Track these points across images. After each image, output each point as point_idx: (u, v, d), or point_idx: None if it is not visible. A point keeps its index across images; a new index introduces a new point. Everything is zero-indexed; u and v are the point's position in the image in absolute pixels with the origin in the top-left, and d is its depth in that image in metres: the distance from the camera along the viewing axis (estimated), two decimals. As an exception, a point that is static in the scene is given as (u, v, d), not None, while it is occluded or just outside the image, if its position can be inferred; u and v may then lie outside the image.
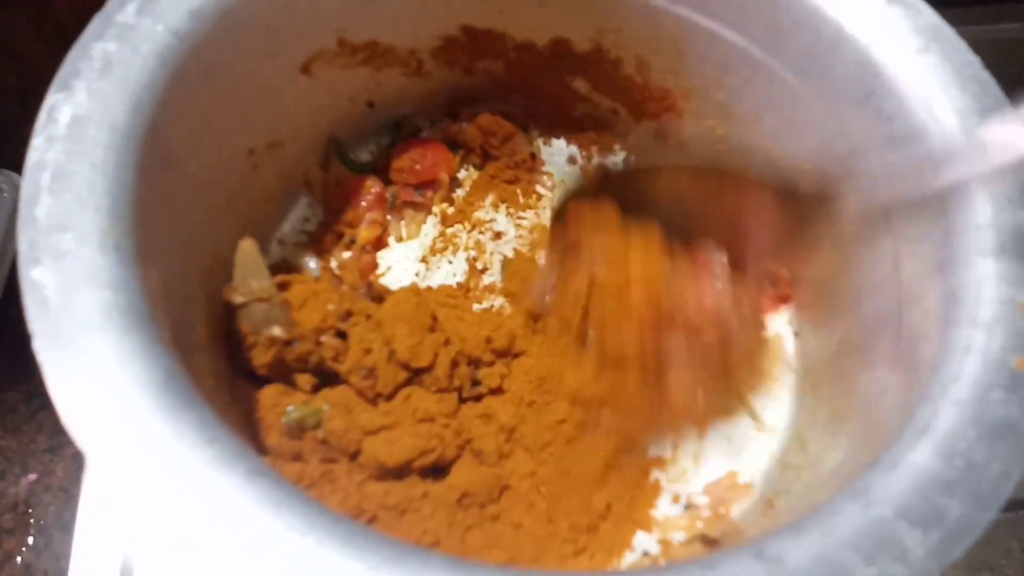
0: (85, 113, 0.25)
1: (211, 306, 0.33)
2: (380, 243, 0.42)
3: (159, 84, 0.27)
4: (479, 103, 0.45)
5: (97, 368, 0.21)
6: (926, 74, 0.30)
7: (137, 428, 0.20)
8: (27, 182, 0.24)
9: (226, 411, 0.26)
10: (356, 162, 0.44)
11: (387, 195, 0.43)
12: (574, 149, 0.46)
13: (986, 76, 0.30)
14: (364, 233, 0.41)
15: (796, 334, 0.40)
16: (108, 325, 0.22)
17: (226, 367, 0.32)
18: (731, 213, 0.33)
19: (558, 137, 0.46)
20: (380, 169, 0.43)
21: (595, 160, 0.45)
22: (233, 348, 0.33)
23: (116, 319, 0.22)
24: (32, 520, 0.41)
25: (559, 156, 0.46)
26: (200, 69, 0.29)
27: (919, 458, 0.22)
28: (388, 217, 0.42)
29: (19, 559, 0.40)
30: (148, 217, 0.26)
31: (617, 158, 0.46)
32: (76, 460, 0.42)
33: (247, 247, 0.33)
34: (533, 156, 0.45)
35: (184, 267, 0.29)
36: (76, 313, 0.22)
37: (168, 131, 0.28)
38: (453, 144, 0.44)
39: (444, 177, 0.43)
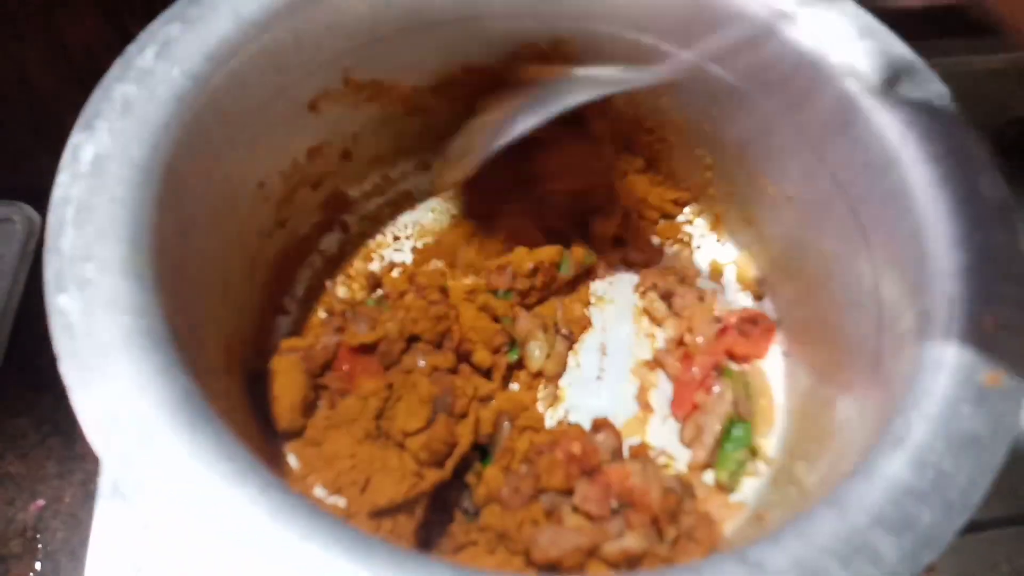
0: (107, 152, 0.27)
1: (224, 332, 0.34)
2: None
3: (175, 124, 0.29)
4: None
5: (119, 388, 0.22)
6: (899, 104, 0.32)
7: (156, 444, 0.22)
8: (52, 216, 0.26)
9: (240, 430, 0.27)
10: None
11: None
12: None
13: (954, 105, 0.32)
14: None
15: (785, 354, 0.41)
16: (129, 348, 0.23)
17: (239, 390, 0.34)
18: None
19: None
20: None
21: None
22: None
23: (137, 342, 0.23)
24: (40, 546, 0.41)
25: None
26: (213, 109, 0.31)
27: (892, 469, 0.23)
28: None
29: (27, 584, 0.41)
30: (165, 247, 0.27)
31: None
32: (84, 486, 0.42)
33: None
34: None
35: (198, 294, 0.30)
36: (99, 337, 0.23)
37: (183, 167, 0.29)
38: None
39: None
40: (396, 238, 0.45)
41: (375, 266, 0.44)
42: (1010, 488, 0.43)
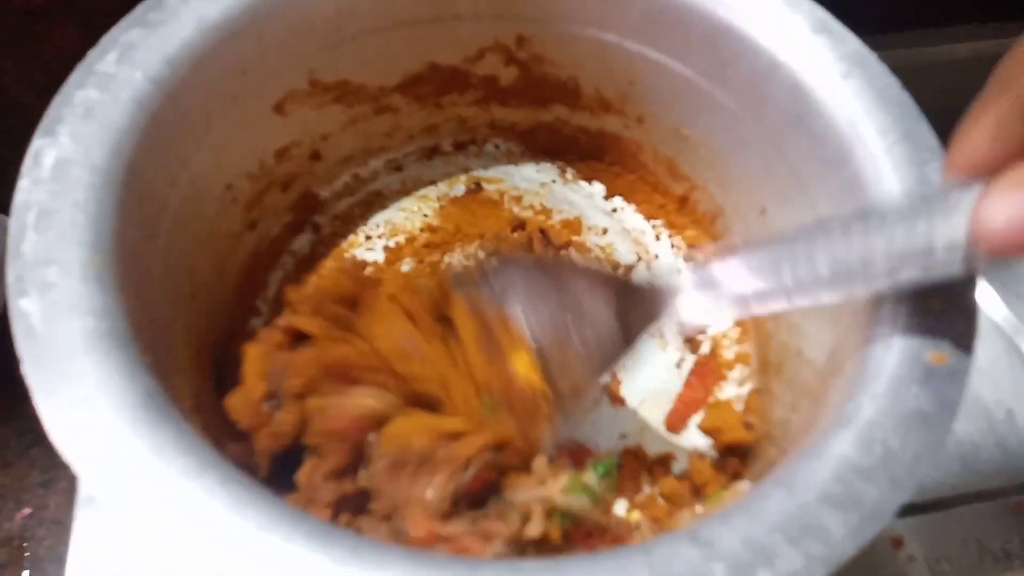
0: (68, 156, 0.28)
1: (193, 333, 0.34)
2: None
3: (137, 127, 0.29)
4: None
5: (81, 388, 0.23)
6: (851, 97, 0.33)
7: (118, 442, 0.22)
8: (14, 221, 0.26)
9: (207, 429, 0.28)
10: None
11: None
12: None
13: (905, 96, 0.33)
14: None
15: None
16: (91, 348, 0.23)
17: (210, 389, 0.34)
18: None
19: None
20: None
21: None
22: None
23: (98, 343, 0.24)
24: (27, 554, 0.42)
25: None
26: (175, 112, 0.31)
27: (841, 448, 0.24)
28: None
29: (14, 592, 0.41)
30: (129, 249, 0.28)
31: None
32: (69, 494, 0.42)
33: None
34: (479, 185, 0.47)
35: (164, 296, 0.31)
36: (60, 339, 0.24)
37: (146, 170, 0.30)
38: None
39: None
40: (368, 237, 0.45)
41: (347, 266, 0.44)
42: (980, 466, 0.44)
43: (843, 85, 0.33)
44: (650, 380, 0.41)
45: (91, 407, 0.23)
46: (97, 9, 0.50)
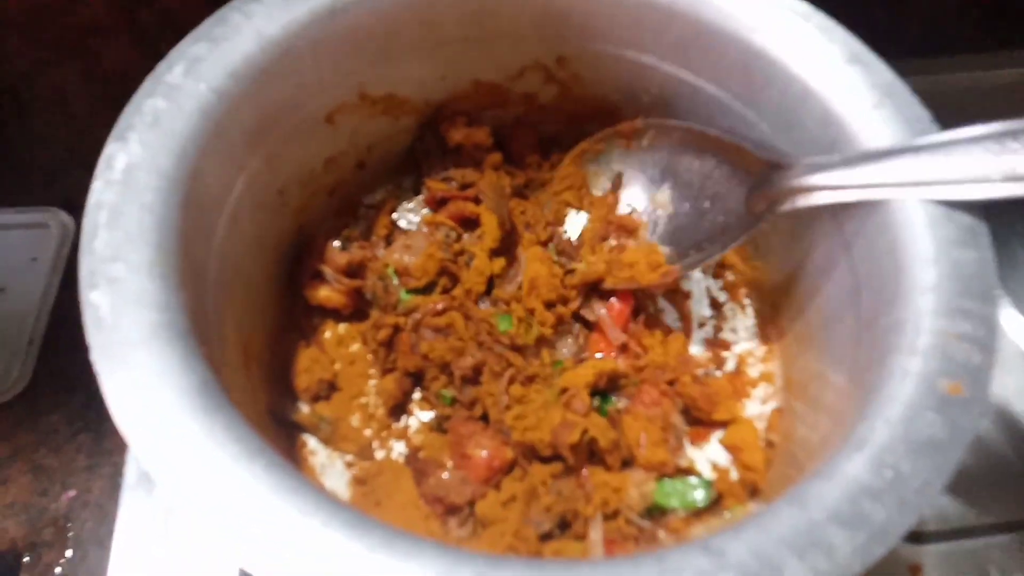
0: (137, 161, 0.30)
1: (244, 330, 0.36)
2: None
3: (200, 135, 0.31)
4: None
5: (142, 375, 0.25)
6: (881, 126, 0.34)
7: (174, 426, 0.24)
8: (87, 219, 0.28)
9: (253, 420, 0.30)
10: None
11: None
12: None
13: (933, 128, 0.33)
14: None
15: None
16: (153, 340, 0.26)
17: (257, 387, 0.37)
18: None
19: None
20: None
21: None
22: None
23: (160, 335, 0.26)
24: (71, 535, 0.44)
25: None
26: (236, 121, 0.33)
27: (853, 469, 0.24)
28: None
29: (57, 571, 0.43)
30: (189, 250, 0.30)
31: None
32: (112, 479, 0.45)
33: None
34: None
35: (217, 293, 0.33)
36: (126, 330, 0.26)
37: (207, 176, 0.32)
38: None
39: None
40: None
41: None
42: (1002, 496, 0.44)
43: (874, 114, 0.34)
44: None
45: (151, 392, 0.25)
46: (152, 25, 0.53)
